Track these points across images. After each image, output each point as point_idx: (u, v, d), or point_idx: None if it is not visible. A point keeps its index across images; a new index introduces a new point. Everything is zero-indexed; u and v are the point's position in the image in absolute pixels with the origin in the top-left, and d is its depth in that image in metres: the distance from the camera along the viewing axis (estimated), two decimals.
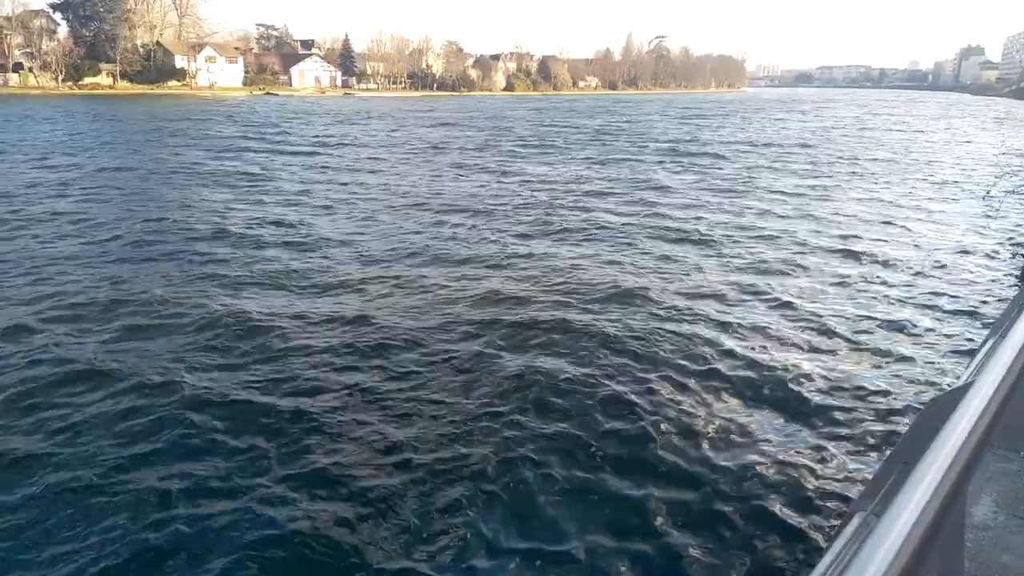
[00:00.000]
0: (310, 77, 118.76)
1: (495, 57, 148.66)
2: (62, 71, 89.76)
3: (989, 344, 2.72)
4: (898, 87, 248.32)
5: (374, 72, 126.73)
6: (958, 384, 2.09)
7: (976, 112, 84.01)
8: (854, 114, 74.22)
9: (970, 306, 10.20)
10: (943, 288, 11.10)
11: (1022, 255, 13.53)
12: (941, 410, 1.65)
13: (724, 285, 11.15)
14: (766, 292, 10.79)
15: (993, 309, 9.83)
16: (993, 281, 11.61)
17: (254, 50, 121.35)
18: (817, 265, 12.53)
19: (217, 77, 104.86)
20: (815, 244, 14.22)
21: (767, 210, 18.14)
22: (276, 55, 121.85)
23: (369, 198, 19.54)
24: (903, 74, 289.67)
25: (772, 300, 10.39)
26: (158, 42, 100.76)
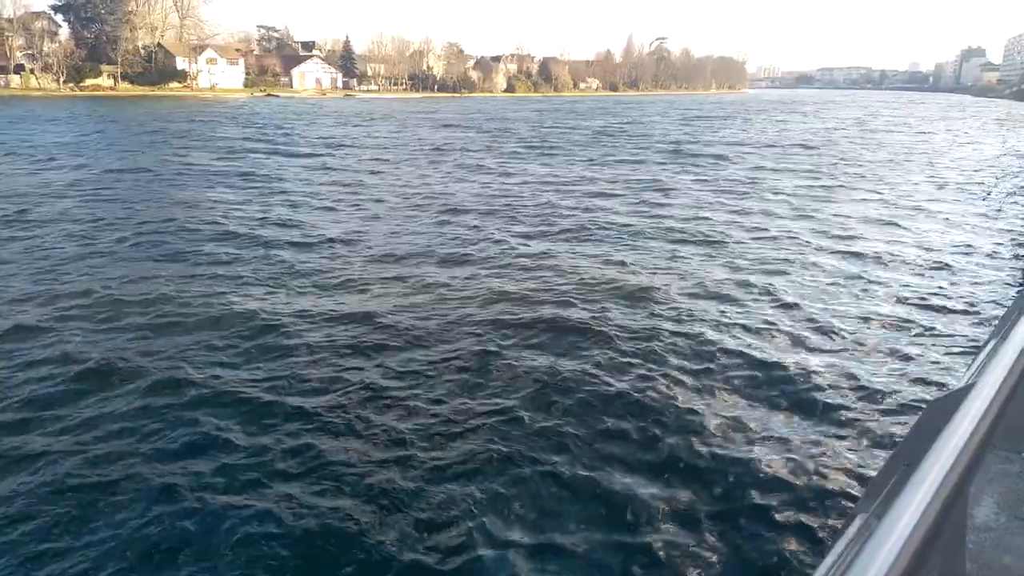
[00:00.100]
0: (311, 79, 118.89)
1: (496, 59, 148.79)
2: (63, 73, 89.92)
3: (991, 345, 2.72)
4: (899, 88, 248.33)
5: (375, 74, 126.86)
6: (959, 385, 2.09)
7: (977, 113, 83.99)
8: (855, 115, 74.22)
9: (971, 307, 10.19)
10: (945, 289, 11.09)
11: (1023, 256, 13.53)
12: (942, 411, 1.65)
13: (727, 284, 11.16)
14: (769, 292, 10.79)
15: (994, 310, 9.82)
16: (994, 282, 11.61)
17: (255, 52, 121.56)
18: (819, 265, 12.54)
19: (218, 79, 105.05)
20: (817, 244, 14.24)
21: (770, 210, 18.14)
22: (277, 57, 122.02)
23: (373, 199, 19.56)
24: (904, 76, 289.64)
25: (774, 300, 10.39)
26: (159, 44, 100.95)
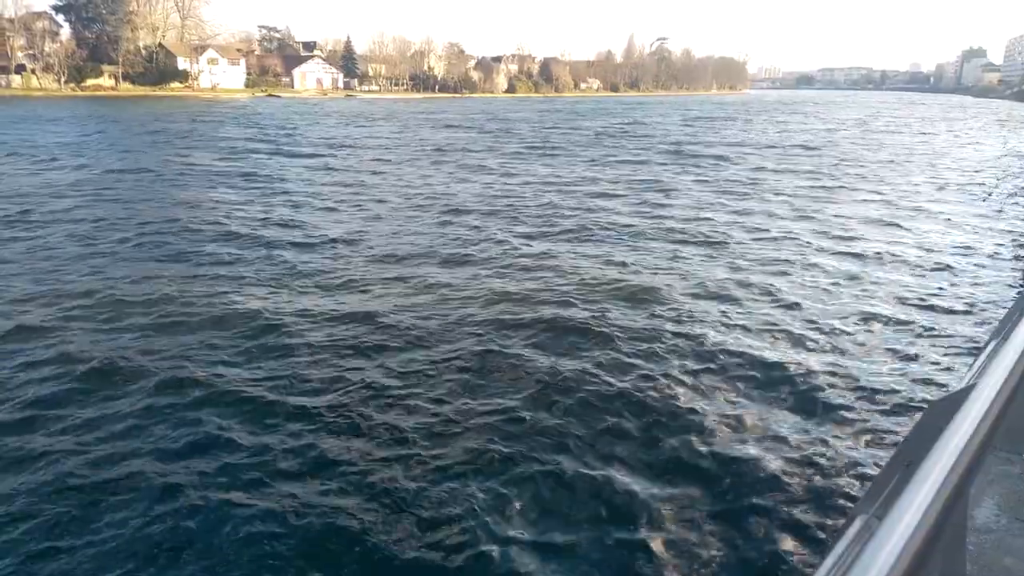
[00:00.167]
0: (312, 79, 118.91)
1: (497, 59, 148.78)
2: (64, 73, 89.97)
3: (991, 346, 2.72)
4: (900, 89, 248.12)
5: (376, 74, 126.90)
6: (960, 386, 2.09)
7: (978, 114, 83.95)
8: (856, 116, 74.20)
9: (972, 307, 10.18)
10: (945, 289, 11.09)
11: None
12: (943, 412, 1.65)
13: (728, 284, 11.17)
14: (770, 292, 10.81)
15: (995, 311, 9.81)
16: (995, 283, 11.60)
17: (256, 52, 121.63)
18: (820, 265, 12.54)
19: (219, 79, 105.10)
20: (818, 245, 14.25)
21: (771, 211, 18.15)
22: (278, 57, 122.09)
23: (376, 199, 19.57)
24: (905, 76, 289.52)
25: (775, 300, 10.40)
26: (160, 44, 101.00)
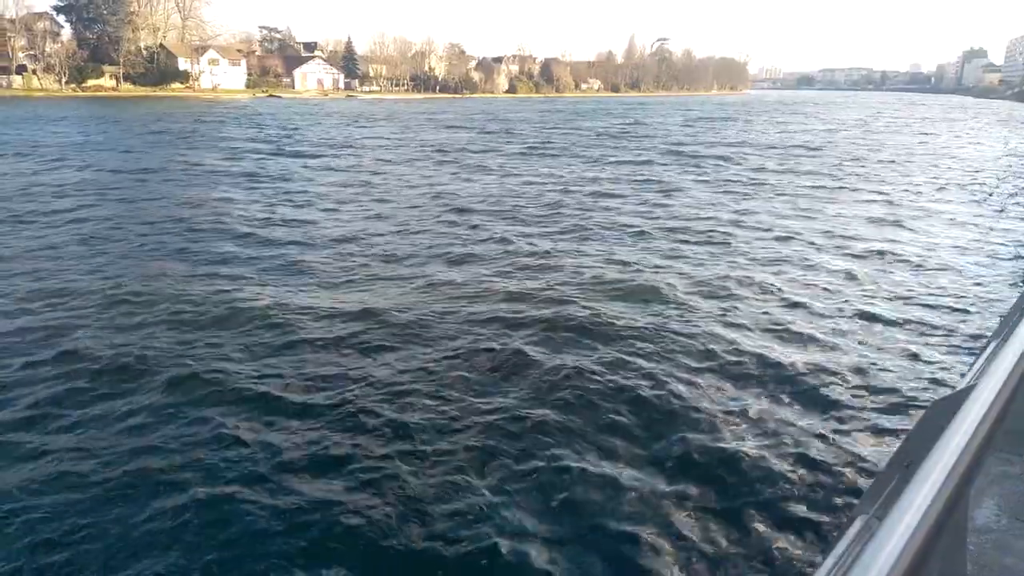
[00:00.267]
0: (313, 79, 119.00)
1: (497, 59, 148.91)
2: (65, 73, 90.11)
3: (992, 346, 2.71)
4: (900, 90, 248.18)
5: (376, 74, 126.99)
6: (961, 386, 2.09)
7: (978, 115, 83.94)
8: (857, 116, 74.22)
9: (973, 307, 10.17)
10: (946, 289, 11.08)
11: None
12: (943, 412, 1.64)
13: (730, 283, 11.21)
14: (772, 290, 10.84)
15: (996, 311, 9.81)
16: (996, 282, 11.60)
17: (257, 52, 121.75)
18: (821, 264, 12.55)
19: (220, 79, 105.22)
20: (820, 244, 14.27)
21: (773, 211, 18.17)
22: (279, 57, 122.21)
23: (378, 199, 19.61)
24: (905, 77, 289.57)
25: (777, 299, 10.42)
26: (161, 44, 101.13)
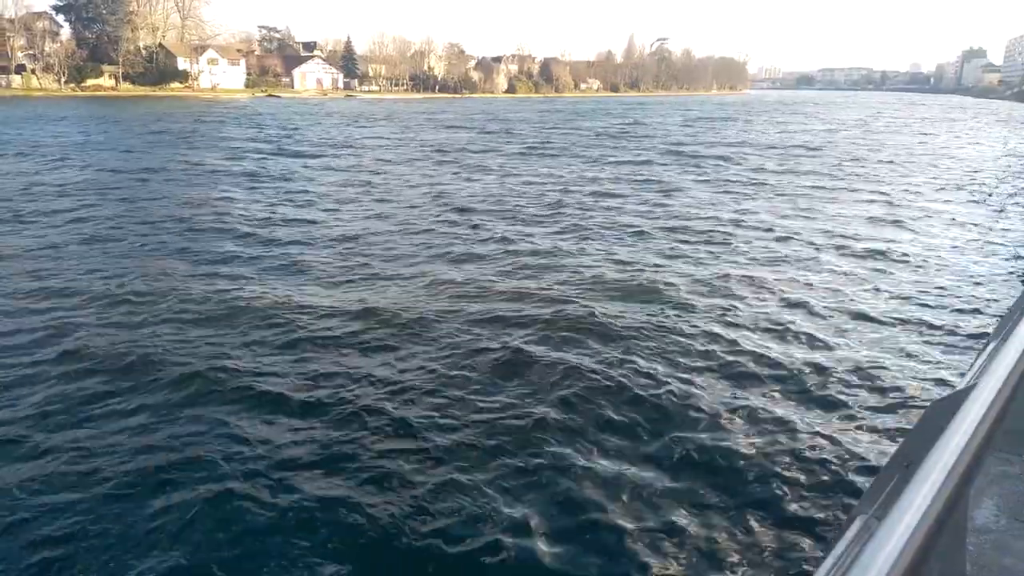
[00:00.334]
0: (312, 79, 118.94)
1: (497, 59, 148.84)
2: (64, 73, 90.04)
3: (992, 346, 2.70)
4: (900, 90, 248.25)
5: (376, 74, 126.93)
6: (960, 387, 2.08)
7: (978, 115, 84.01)
8: (857, 116, 74.24)
9: (973, 307, 10.18)
10: (946, 289, 11.09)
11: None
12: (943, 413, 1.63)
13: (731, 282, 11.23)
14: (772, 290, 10.86)
15: (996, 311, 9.82)
16: (996, 282, 11.60)
17: (256, 52, 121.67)
18: (821, 264, 12.57)
19: (219, 79, 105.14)
20: (820, 244, 14.29)
21: (773, 210, 18.19)
22: (278, 57, 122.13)
23: (379, 199, 19.63)
24: (905, 77, 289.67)
25: (778, 298, 10.44)
26: (160, 44, 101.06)
